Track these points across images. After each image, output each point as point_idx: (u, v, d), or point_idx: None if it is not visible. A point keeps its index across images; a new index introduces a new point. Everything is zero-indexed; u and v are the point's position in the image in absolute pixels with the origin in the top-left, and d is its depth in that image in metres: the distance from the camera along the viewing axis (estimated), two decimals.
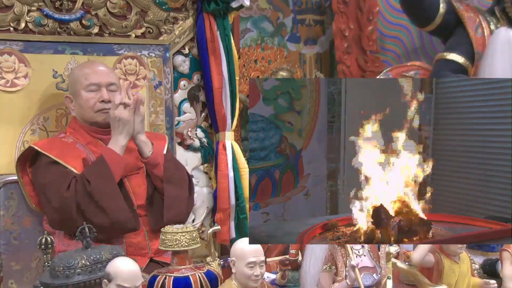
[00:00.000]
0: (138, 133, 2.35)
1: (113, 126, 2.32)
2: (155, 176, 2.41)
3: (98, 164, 2.25)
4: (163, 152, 2.45)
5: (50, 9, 2.55)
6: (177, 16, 2.84)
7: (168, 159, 2.44)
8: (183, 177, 2.47)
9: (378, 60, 4.31)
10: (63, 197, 2.17)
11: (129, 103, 2.31)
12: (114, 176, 2.24)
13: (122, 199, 2.22)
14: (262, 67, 3.86)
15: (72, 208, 2.16)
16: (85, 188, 2.17)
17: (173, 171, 2.42)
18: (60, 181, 2.21)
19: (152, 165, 2.39)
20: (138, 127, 2.35)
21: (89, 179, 2.19)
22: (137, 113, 2.34)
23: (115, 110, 2.30)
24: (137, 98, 2.34)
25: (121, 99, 2.30)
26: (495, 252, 2.46)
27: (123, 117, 2.29)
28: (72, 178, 2.21)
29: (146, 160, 2.38)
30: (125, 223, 2.20)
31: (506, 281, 2.11)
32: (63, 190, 2.18)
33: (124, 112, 2.30)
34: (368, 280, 1.97)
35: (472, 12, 3.67)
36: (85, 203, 2.16)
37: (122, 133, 2.30)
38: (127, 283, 1.65)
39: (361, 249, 2.02)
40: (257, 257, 1.83)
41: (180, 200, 2.39)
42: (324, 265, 2.00)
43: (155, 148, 2.40)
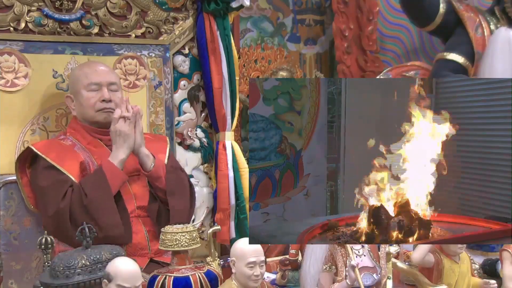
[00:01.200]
0: (139, 146, 2.36)
1: (114, 140, 2.32)
2: (157, 187, 2.42)
3: (97, 177, 2.25)
4: (164, 161, 2.47)
5: (50, 9, 2.55)
6: (177, 16, 2.84)
7: (169, 170, 2.44)
8: (185, 188, 2.49)
9: (378, 60, 4.32)
10: (57, 207, 2.19)
11: (129, 116, 2.31)
12: (112, 191, 2.24)
13: (117, 215, 2.22)
14: (262, 67, 3.86)
15: (65, 218, 2.18)
16: (81, 200, 2.19)
17: (175, 183, 2.43)
18: (56, 189, 2.22)
19: (154, 178, 2.40)
20: (138, 139, 2.35)
21: (86, 192, 2.20)
22: (136, 126, 2.35)
23: (116, 124, 2.30)
24: (137, 111, 2.35)
25: (121, 113, 2.31)
26: (495, 252, 2.46)
27: (124, 130, 2.30)
28: (69, 187, 2.23)
29: (148, 174, 2.39)
30: (117, 238, 2.19)
31: (506, 281, 2.11)
32: (58, 199, 2.19)
33: (125, 125, 2.30)
34: (368, 280, 1.97)
35: (472, 12, 3.68)
36: (80, 214, 2.17)
37: (122, 147, 2.31)
38: (127, 283, 1.65)
39: (361, 249, 2.02)
40: (257, 257, 1.83)
41: (183, 212, 2.40)
42: (324, 265, 2.00)
43: (157, 161, 2.41)
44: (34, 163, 2.34)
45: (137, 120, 2.34)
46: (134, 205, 2.39)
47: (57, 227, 2.18)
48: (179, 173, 2.52)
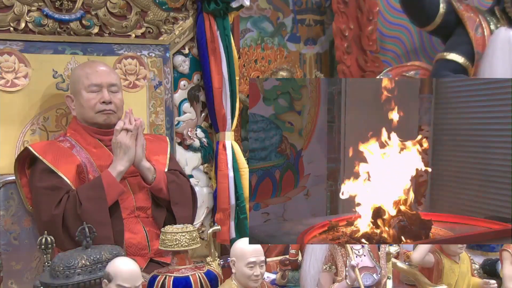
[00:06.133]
0: (140, 160, 2.36)
1: (114, 151, 2.33)
2: (159, 198, 2.43)
3: (94, 188, 2.25)
4: (165, 166, 2.49)
5: (50, 9, 2.55)
6: (177, 16, 2.84)
7: (171, 179, 2.44)
8: (187, 197, 2.50)
9: (378, 60, 4.31)
10: (51, 214, 2.19)
11: (131, 128, 2.32)
12: (108, 203, 2.24)
13: (109, 227, 2.22)
14: (262, 67, 3.86)
15: (58, 225, 2.18)
16: (75, 208, 2.19)
17: (177, 192, 2.44)
18: (51, 195, 2.23)
19: (156, 190, 2.41)
20: (139, 152, 2.35)
21: (82, 201, 2.20)
22: (138, 139, 2.35)
23: (117, 136, 2.31)
24: (139, 124, 2.35)
25: (124, 125, 2.31)
26: (495, 252, 2.46)
27: (125, 142, 2.30)
28: (64, 194, 2.23)
29: (150, 186, 2.40)
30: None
31: (506, 281, 2.11)
32: (52, 206, 2.20)
33: (126, 138, 2.31)
34: (368, 280, 1.97)
35: (472, 12, 3.68)
36: (73, 222, 2.17)
37: (122, 159, 2.31)
38: (127, 283, 1.64)
39: (361, 249, 2.01)
40: (257, 257, 1.83)
41: (186, 219, 2.40)
42: (324, 265, 1.99)
43: (157, 173, 2.41)
44: (33, 164, 2.34)
45: (139, 133, 2.35)
46: (134, 206, 2.39)
47: (49, 233, 2.18)
48: (181, 179, 2.52)
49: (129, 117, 2.34)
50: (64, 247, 2.11)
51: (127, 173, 2.36)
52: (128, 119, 2.33)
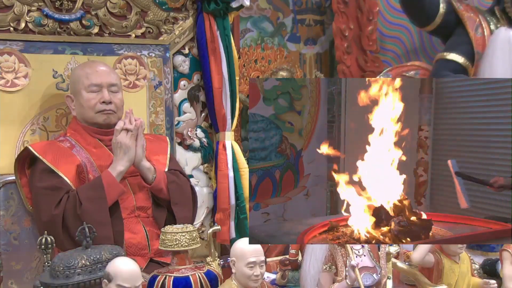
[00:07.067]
0: (140, 160, 2.36)
1: (114, 151, 2.33)
2: (159, 198, 2.43)
3: (95, 188, 2.25)
4: (165, 167, 2.49)
5: (50, 9, 2.55)
6: (177, 16, 2.84)
7: (171, 180, 2.45)
8: (187, 197, 2.51)
9: (378, 60, 4.31)
10: (51, 214, 2.20)
11: (131, 128, 2.32)
12: (108, 203, 2.25)
13: (109, 227, 2.22)
14: (262, 67, 3.86)
15: (58, 225, 2.19)
16: (75, 209, 2.19)
17: (178, 192, 2.44)
18: (51, 195, 2.23)
19: (156, 190, 2.41)
20: (139, 153, 2.35)
21: (82, 201, 2.20)
22: (138, 139, 2.35)
23: (117, 136, 2.31)
24: (139, 124, 2.35)
25: (124, 125, 2.31)
26: (495, 252, 2.46)
27: (125, 142, 2.30)
28: (64, 194, 2.23)
29: (150, 186, 2.40)
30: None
31: (506, 281, 2.11)
32: (52, 206, 2.20)
33: (126, 138, 2.31)
34: (368, 280, 1.97)
35: (472, 12, 3.67)
36: (72, 222, 2.17)
37: (122, 159, 2.31)
38: (127, 283, 1.64)
39: (361, 249, 2.01)
40: (257, 257, 1.83)
41: (186, 220, 2.40)
42: (324, 265, 1.99)
43: (158, 173, 2.41)
44: (33, 164, 2.34)
45: (139, 134, 2.35)
46: (134, 206, 2.39)
47: (49, 233, 2.18)
48: (181, 179, 2.52)
49: (129, 117, 2.34)
50: (64, 247, 2.11)
51: (127, 173, 2.36)
52: (128, 119, 2.34)
